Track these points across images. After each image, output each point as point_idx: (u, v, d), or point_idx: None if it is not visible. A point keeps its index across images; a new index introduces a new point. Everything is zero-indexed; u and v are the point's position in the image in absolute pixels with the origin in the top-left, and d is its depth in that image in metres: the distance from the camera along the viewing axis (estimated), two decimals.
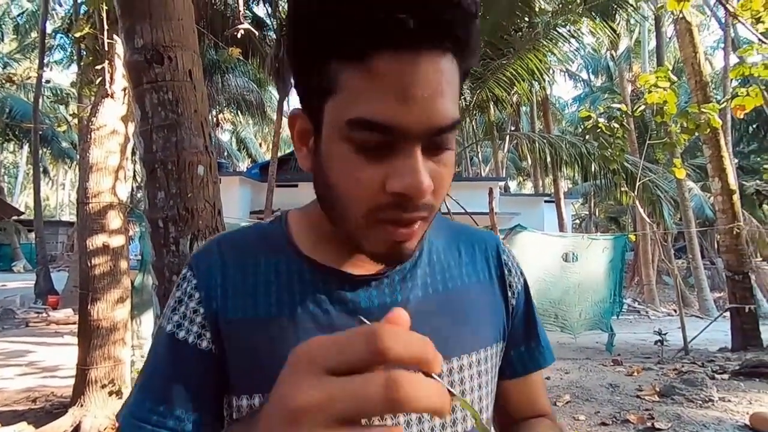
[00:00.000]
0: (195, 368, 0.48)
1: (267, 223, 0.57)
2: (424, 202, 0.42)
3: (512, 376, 0.60)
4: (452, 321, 0.53)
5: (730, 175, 6.40)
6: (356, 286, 0.51)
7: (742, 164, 14.86)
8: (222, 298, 0.49)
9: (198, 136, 1.68)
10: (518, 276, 0.61)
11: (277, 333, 0.47)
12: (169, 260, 1.61)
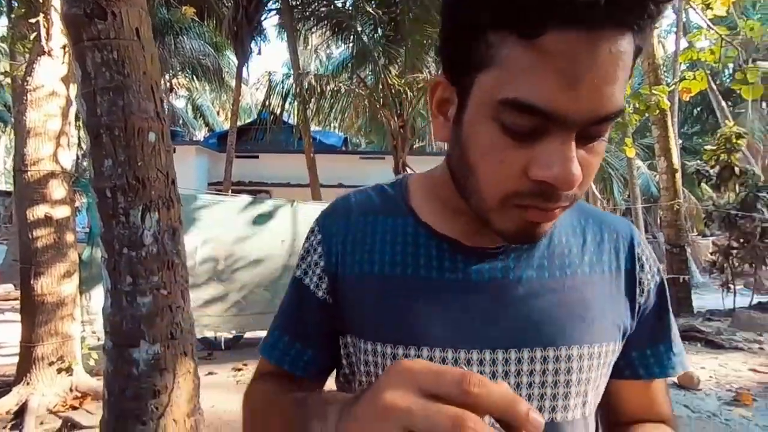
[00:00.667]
0: (314, 312, 0.53)
1: (388, 184, 0.58)
2: (568, 192, 0.39)
3: (632, 378, 0.56)
4: (565, 309, 0.49)
5: (675, 155, 6.80)
6: (469, 258, 0.50)
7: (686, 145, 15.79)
8: (341, 255, 0.53)
9: (148, 100, 1.57)
10: (653, 273, 0.55)
11: (388, 290, 0.50)
12: (119, 232, 1.53)
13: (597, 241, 0.54)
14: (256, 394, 0.56)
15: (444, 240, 0.51)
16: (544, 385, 0.48)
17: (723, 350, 4.52)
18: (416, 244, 0.51)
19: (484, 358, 0.48)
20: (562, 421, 0.49)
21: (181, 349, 1.64)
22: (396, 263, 0.51)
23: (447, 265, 0.50)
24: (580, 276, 0.51)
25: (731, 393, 3.34)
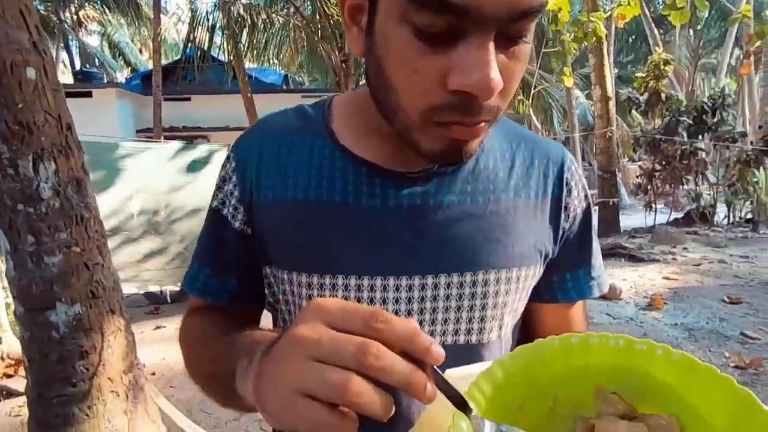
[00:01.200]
0: (233, 243, 0.52)
1: (310, 105, 0.55)
2: (489, 103, 0.37)
3: (551, 301, 0.56)
4: (484, 234, 0.49)
5: (609, 84, 7.02)
6: (388, 182, 0.48)
7: (621, 74, 16.40)
8: (256, 181, 0.50)
9: (19, 28, 1.31)
10: (580, 199, 0.54)
11: (303, 217, 0.48)
12: (9, 186, 1.34)
13: (526, 165, 0.53)
14: (189, 329, 0.55)
15: (362, 163, 0.48)
16: (460, 309, 0.49)
17: (643, 263, 5.03)
18: (333, 168, 0.49)
19: (401, 284, 0.48)
20: (477, 343, 0.50)
21: (107, 308, 1.55)
22: (311, 188, 0.48)
23: (364, 190, 0.48)
24: (504, 201, 0.50)
25: (647, 299, 3.76)
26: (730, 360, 2.68)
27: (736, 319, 3.27)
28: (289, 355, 0.28)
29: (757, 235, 6.42)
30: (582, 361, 0.34)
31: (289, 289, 0.50)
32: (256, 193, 0.50)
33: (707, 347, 2.88)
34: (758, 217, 6.96)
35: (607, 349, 0.33)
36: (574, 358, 0.34)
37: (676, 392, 0.31)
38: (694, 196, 7.48)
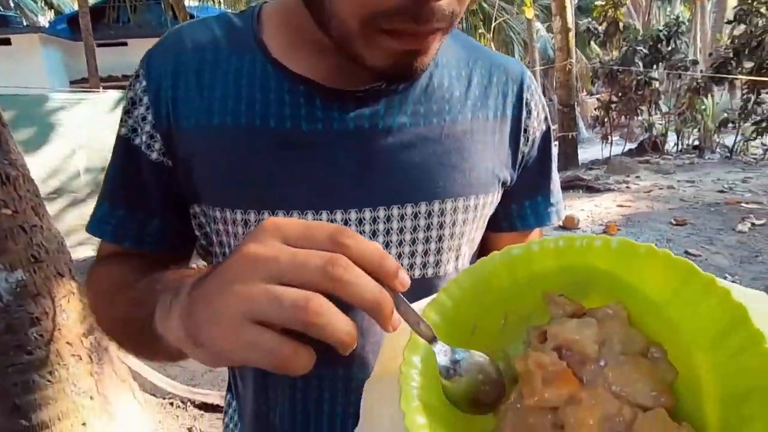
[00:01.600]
0: (151, 178, 0.45)
1: (236, 14, 0.47)
2: (442, 7, 0.32)
3: (509, 230, 0.53)
4: (440, 160, 0.44)
5: (569, 14, 6.89)
6: (330, 103, 0.42)
7: (580, 4, 16.11)
8: (173, 104, 0.43)
9: None
10: (539, 120, 0.51)
11: (233, 146, 0.42)
12: None
13: (484, 84, 0.48)
14: (99, 278, 0.48)
15: (299, 81, 0.42)
16: (415, 242, 0.45)
17: (599, 193, 5.26)
18: (265, 88, 0.42)
19: (350, 218, 0.43)
20: (433, 277, 0.48)
21: (53, 271, 1.45)
22: (241, 112, 0.42)
23: (303, 113, 0.42)
24: (460, 123, 0.46)
25: (602, 227, 3.97)
26: None
27: (681, 239, 3.53)
28: (238, 276, 0.25)
29: (702, 161, 6.80)
30: (526, 271, 0.33)
31: (222, 228, 0.44)
32: (174, 119, 0.43)
33: None
34: (704, 143, 7.34)
35: (548, 253, 0.33)
36: (518, 270, 0.33)
37: (619, 278, 0.31)
38: (647, 126, 7.74)
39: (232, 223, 0.43)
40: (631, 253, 0.30)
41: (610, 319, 0.31)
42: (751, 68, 6.36)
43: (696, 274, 0.27)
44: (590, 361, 0.29)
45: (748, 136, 6.72)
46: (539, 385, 0.29)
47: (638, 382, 0.28)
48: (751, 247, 3.30)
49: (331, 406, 0.47)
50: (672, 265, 0.29)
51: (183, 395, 2.00)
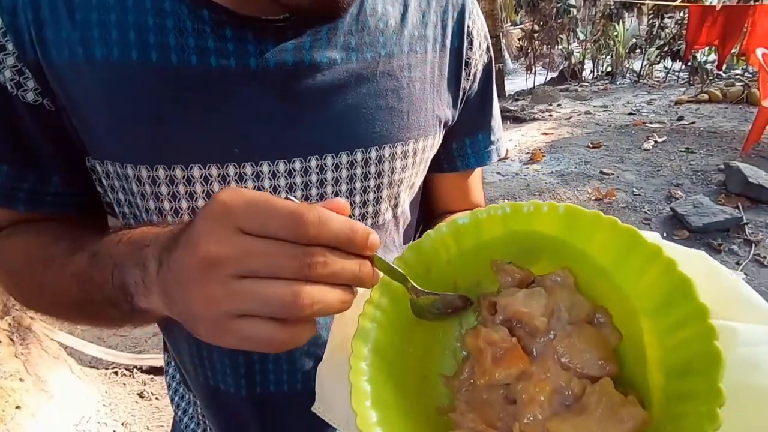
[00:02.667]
0: (32, 124, 0.36)
1: None
2: None
3: (449, 170, 0.50)
4: (378, 101, 0.39)
5: None
6: (244, 34, 0.35)
7: None
8: (36, 26, 0.33)
9: None
10: (481, 52, 0.46)
11: (124, 86, 0.34)
12: None
13: (422, 9, 0.43)
14: (9, 251, 0.39)
15: (202, 4, 0.34)
16: (352, 193, 0.42)
17: (525, 123, 5.48)
18: (160, 13, 0.34)
19: (278, 170, 0.38)
20: (372, 226, 0.44)
21: None
22: (129, 43, 0.34)
23: (212, 46, 0.35)
24: (397, 57, 0.41)
25: (528, 155, 4.18)
26: (591, 195, 3.20)
27: (597, 161, 3.83)
28: (205, 279, 0.23)
29: (614, 86, 7.26)
30: (474, 240, 0.33)
31: (128, 187, 0.37)
32: (41, 49, 0.34)
33: (575, 187, 3.37)
34: (616, 69, 7.80)
35: (496, 220, 0.32)
36: (466, 239, 0.33)
37: (566, 244, 0.31)
38: (566, 55, 8.03)
39: (137, 181, 0.37)
40: (578, 220, 0.30)
41: (557, 287, 0.31)
42: None
43: (641, 243, 0.28)
44: (539, 334, 0.30)
45: (653, 60, 7.24)
46: (489, 364, 0.29)
47: (585, 352, 0.28)
48: (654, 162, 3.67)
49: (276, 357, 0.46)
50: (618, 233, 0.29)
51: (128, 363, 1.93)
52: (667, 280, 0.26)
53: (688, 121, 4.70)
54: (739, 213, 2.64)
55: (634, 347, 0.29)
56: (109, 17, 0.34)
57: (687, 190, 3.12)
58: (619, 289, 0.29)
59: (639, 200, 3.06)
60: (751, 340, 0.25)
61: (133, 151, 0.37)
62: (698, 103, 5.39)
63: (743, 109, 4.92)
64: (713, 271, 0.29)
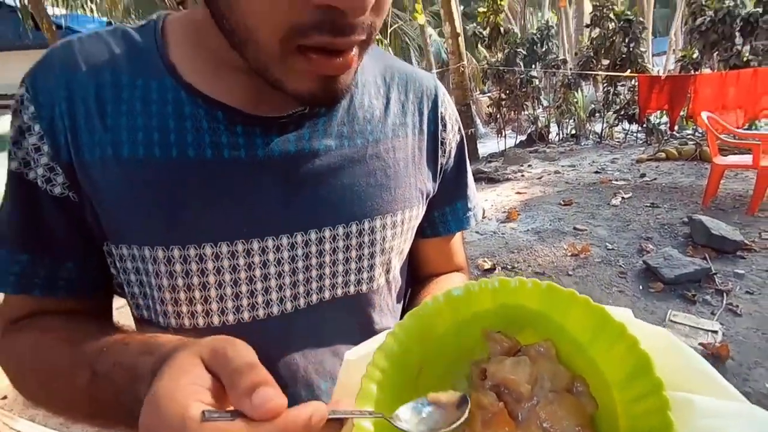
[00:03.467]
0: (55, 216, 0.40)
1: (134, 28, 0.42)
2: (361, 20, 0.32)
3: (433, 236, 0.55)
4: (368, 179, 0.44)
5: (457, 20, 7.39)
6: (252, 129, 0.40)
7: (466, 10, 17.36)
8: (71, 133, 0.38)
9: None
10: (454, 132, 0.53)
11: (147, 179, 0.39)
12: None
13: (401, 101, 0.50)
14: (18, 345, 0.41)
15: (217, 107, 0.39)
16: (348, 261, 0.46)
17: (499, 183, 5.72)
18: (180, 115, 0.39)
19: (281, 245, 0.42)
20: (368, 291, 0.49)
21: None
22: (153, 142, 0.39)
23: (225, 141, 0.40)
24: (383, 141, 0.47)
25: (505, 214, 4.33)
26: (567, 250, 3.29)
27: (569, 218, 3.99)
28: None
29: (579, 147, 7.75)
30: (467, 311, 0.36)
31: (143, 267, 0.41)
32: (75, 150, 0.38)
33: (552, 244, 3.47)
34: (579, 131, 8.37)
35: (487, 294, 0.35)
36: (460, 310, 0.36)
37: (548, 318, 0.34)
38: (533, 120, 8.61)
39: (153, 261, 0.40)
40: (557, 296, 0.33)
41: (541, 357, 0.34)
42: (608, 65, 7.40)
43: (610, 321, 0.31)
44: (524, 400, 0.32)
45: (611, 123, 7.82)
46: (479, 428, 0.31)
47: (564, 419, 0.31)
48: (623, 217, 3.85)
49: None
50: (590, 311, 0.32)
51: None
52: (630, 356, 0.30)
53: (650, 178, 5.00)
54: (707, 264, 2.75)
55: (608, 416, 0.31)
56: (136, 122, 0.39)
57: (657, 243, 3.26)
58: (593, 362, 0.32)
59: (613, 254, 3.17)
60: (709, 412, 0.28)
61: (152, 234, 0.40)
62: (657, 161, 5.77)
63: (698, 166, 5.29)
64: (675, 348, 0.32)
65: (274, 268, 0.43)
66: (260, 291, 0.43)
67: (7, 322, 0.44)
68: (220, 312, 0.43)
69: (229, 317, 0.43)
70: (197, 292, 0.42)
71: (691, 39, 6.83)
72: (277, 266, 0.43)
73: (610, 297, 2.66)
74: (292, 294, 0.44)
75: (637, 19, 7.23)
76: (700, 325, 2.26)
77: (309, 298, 0.45)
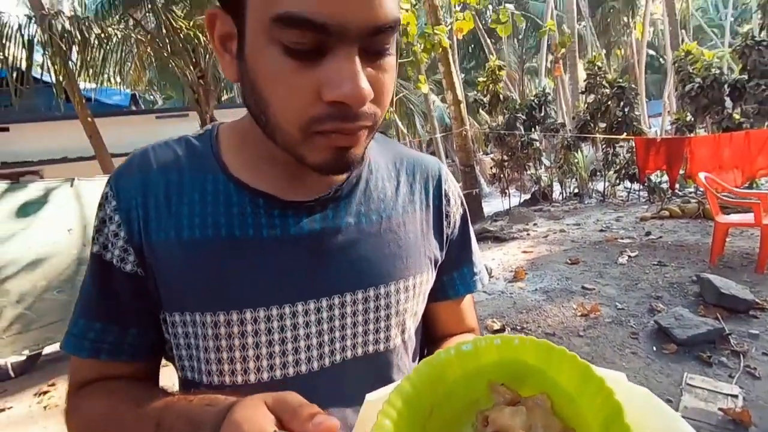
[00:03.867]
0: (124, 289, 0.48)
1: (195, 136, 0.53)
2: (365, 110, 0.39)
3: (443, 299, 0.60)
4: (383, 249, 0.51)
5: (458, 88, 7.86)
6: (286, 212, 0.49)
7: (467, 78, 18.47)
8: (144, 221, 0.47)
9: None
10: (457, 206, 0.60)
11: (202, 256, 0.46)
12: None
13: (409, 182, 0.58)
14: (85, 410, 0.46)
15: (258, 195, 0.49)
16: (367, 322, 0.52)
17: (505, 242, 5.77)
18: (229, 203, 0.48)
19: (309, 309, 0.49)
20: (385, 351, 0.54)
21: None
22: (207, 225, 0.47)
23: (264, 222, 0.48)
24: (395, 218, 0.54)
25: (512, 273, 4.33)
26: (576, 310, 3.26)
27: (577, 276, 3.98)
28: None
29: (583, 205, 7.86)
30: (475, 363, 0.40)
31: (192, 331, 0.47)
32: (145, 234, 0.47)
33: (560, 304, 3.44)
34: (582, 190, 8.54)
35: (492, 349, 0.40)
36: (469, 362, 0.40)
37: (544, 373, 0.39)
38: (535, 179, 8.83)
39: (202, 325, 0.47)
40: (551, 353, 0.38)
41: (537, 407, 0.38)
42: (605, 128, 7.72)
43: (591, 375, 0.36)
44: None
45: (613, 182, 8.00)
46: None
47: None
48: (631, 276, 3.83)
49: None
50: (576, 366, 0.37)
51: None
52: (606, 405, 0.34)
53: (655, 236, 5.03)
54: (720, 324, 2.71)
55: None
56: (195, 210, 0.48)
57: (667, 302, 3.22)
58: (582, 413, 0.36)
59: (623, 314, 3.13)
60: None
61: (201, 302, 0.47)
62: (661, 219, 5.83)
63: (702, 224, 5.32)
64: (655, 406, 0.36)
65: (303, 330, 0.49)
66: (290, 351, 0.49)
67: (76, 385, 0.50)
68: (256, 370, 0.49)
69: (263, 375, 0.49)
70: (237, 352, 0.48)
71: (683, 103, 7.16)
72: (306, 328, 0.49)
73: (623, 359, 2.60)
74: (318, 353, 0.50)
75: (630, 86, 7.65)
76: (719, 389, 2.18)
77: (333, 357, 0.51)
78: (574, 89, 12.56)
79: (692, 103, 6.87)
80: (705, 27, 20.34)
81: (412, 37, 6.72)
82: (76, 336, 0.49)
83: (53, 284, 3.60)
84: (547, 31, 6.74)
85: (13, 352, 3.44)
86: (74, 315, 0.50)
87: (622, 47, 21.10)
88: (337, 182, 0.52)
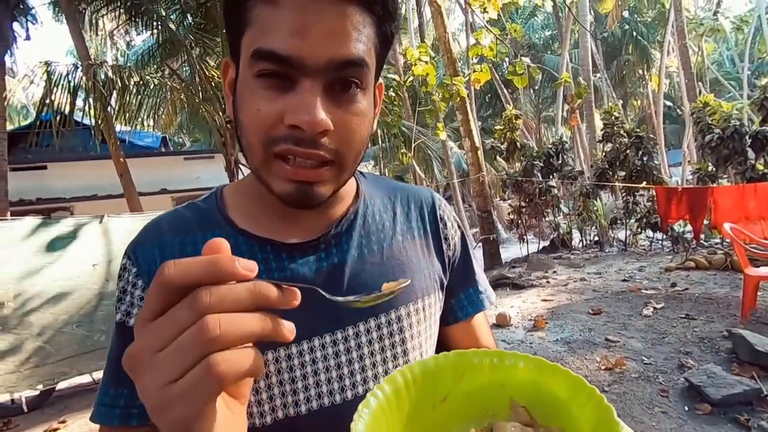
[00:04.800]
0: None
1: (201, 200, 0.57)
2: (323, 142, 0.43)
3: (455, 321, 0.63)
4: (389, 276, 0.54)
5: (476, 136, 8.04)
6: (292, 254, 0.52)
7: (484, 126, 18.89)
8: None
9: None
10: (454, 228, 0.63)
11: None
12: None
13: (405, 212, 0.61)
14: None
15: (265, 243, 0.52)
16: (384, 349, 0.54)
17: (524, 289, 5.64)
18: (239, 252, 0.50)
19: (326, 342, 0.51)
20: None
21: None
22: None
23: (274, 266, 0.51)
24: (395, 245, 0.58)
25: (531, 322, 4.21)
26: (600, 364, 3.11)
27: (600, 328, 3.83)
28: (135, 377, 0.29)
29: (603, 254, 7.69)
30: (503, 376, 0.41)
31: None
32: None
33: (583, 356, 3.30)
34: (602, 238, 8.39)
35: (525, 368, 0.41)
36: (497, 373, 0.41)
37: (567, 407, 0.39)
38: (554, 226, 8.74)
39: None
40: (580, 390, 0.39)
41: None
42: (624, 176, 7.69)
43: (583, 385, 0.38)
44: None
45: (634, 231, 7.85)
46: None
47: None
48: (657, 329, 3.67)
49: None
50: (569, 378, 0.39)
51: None
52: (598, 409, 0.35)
53: (681, 288, 4.84)
54: (756, 384, 2.55)
55: None
56: None
57: (697, 359, 3.06)
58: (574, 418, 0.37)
59: (651, 369, 2.97)
60: None
61: None
62: (687, 270, 5.64)
63: (731, 276, 5.12)
64: None
65: (322, 363, 0.51)
66: (312, 385, 0.51)
67: None
68: (283, 406, 0.50)
69: (301, 408, 0.50)
70: (264, 394, 0.49)
71: (704, 153, 7.13)
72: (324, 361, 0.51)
73: (653, 418, 2.45)
74: (339, 386, 0.52)
75: (648, 135, 7.69)
76: None
77: (355, 390, 0.52)
78: (591, 138, 12.67)
79: (713, 153, 6.83)
80: (721, 79, 20.59)
81: (431, 87, 6.99)
82: (107, 405, 0.49)
83: (74, 318, 3.66)
84: (562, 83, 6.92)
85: (29, 386, 3.45)
86: (102, 385, 0.51)
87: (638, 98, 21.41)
88: (333, 220, 0.55)
